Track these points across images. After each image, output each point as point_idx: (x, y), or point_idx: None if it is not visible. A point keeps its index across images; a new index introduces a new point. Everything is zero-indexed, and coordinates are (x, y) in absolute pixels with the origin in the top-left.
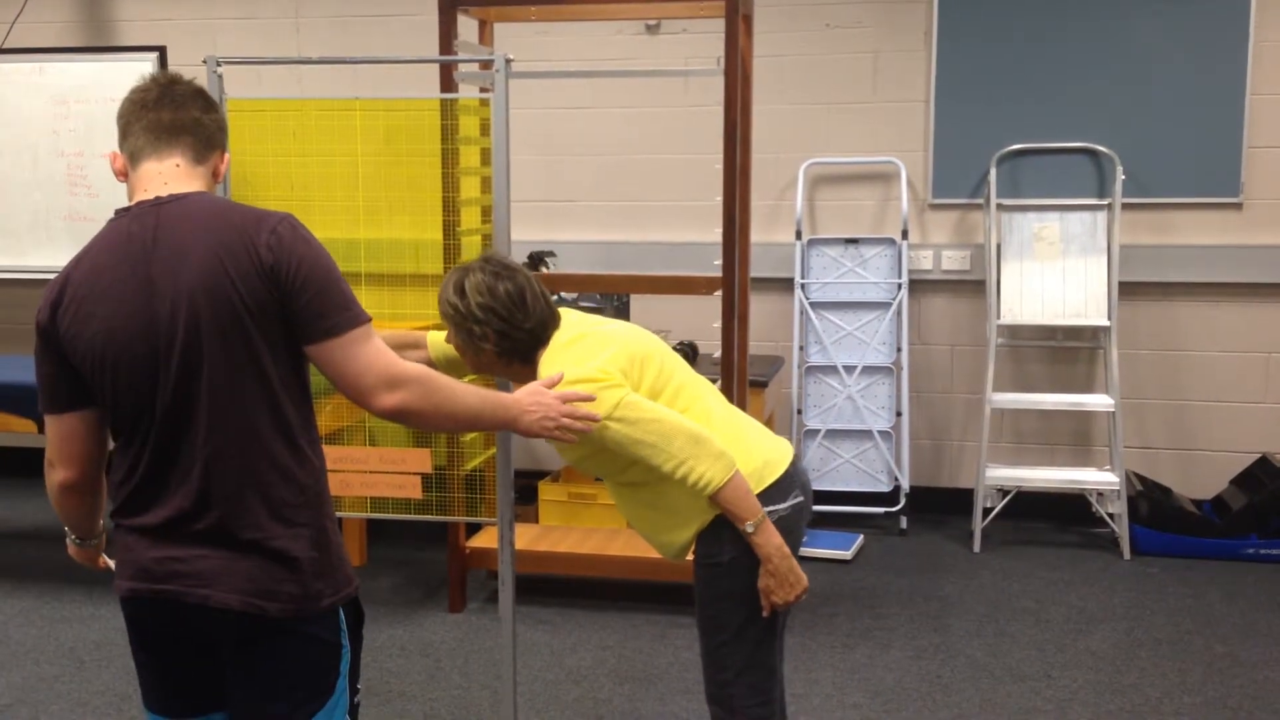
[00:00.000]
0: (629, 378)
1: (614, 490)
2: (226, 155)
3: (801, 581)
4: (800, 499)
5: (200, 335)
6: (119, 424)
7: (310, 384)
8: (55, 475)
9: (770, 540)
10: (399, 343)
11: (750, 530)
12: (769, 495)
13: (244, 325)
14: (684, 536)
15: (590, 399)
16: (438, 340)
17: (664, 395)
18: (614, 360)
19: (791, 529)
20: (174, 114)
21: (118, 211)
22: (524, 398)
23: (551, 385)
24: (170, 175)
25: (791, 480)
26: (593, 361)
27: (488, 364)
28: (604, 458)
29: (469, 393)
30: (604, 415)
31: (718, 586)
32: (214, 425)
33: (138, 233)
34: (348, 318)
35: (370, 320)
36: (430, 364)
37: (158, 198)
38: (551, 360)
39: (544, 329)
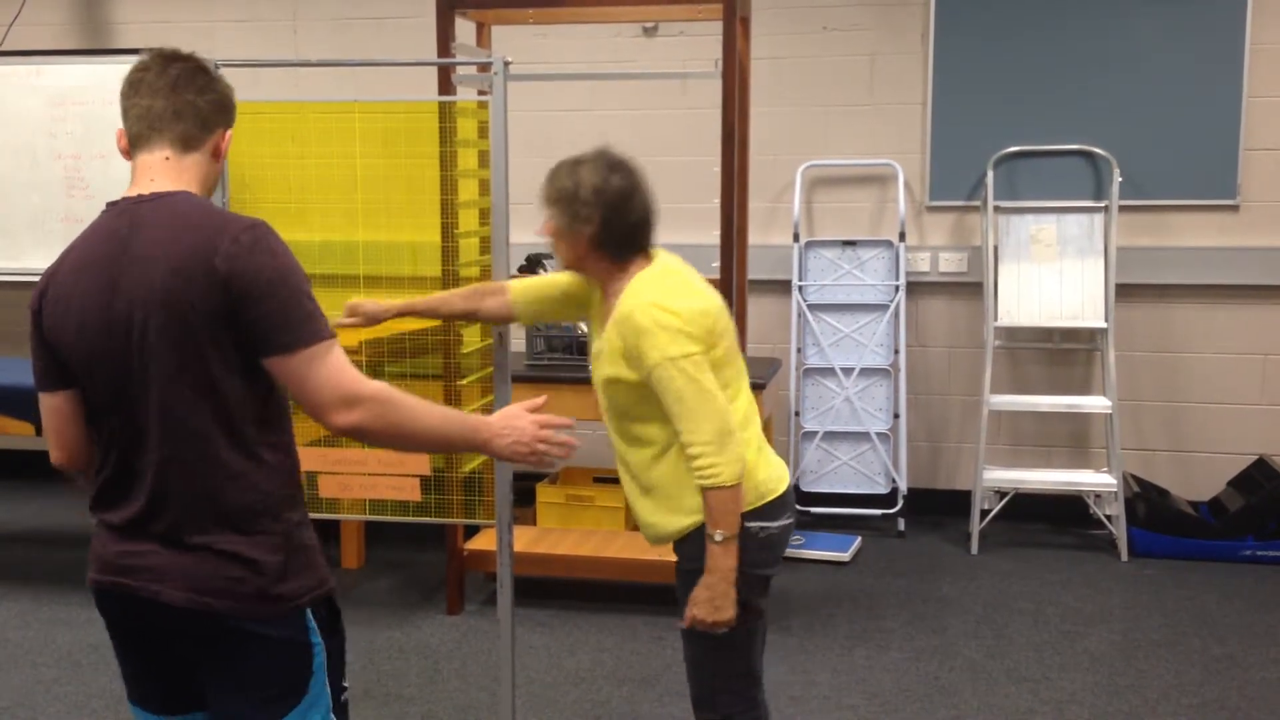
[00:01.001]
0: (703, 342)
1: (620, 449)
2: (228, 132)
3: (729, 612)
4: (790, 521)
5: (153, 341)
6: (93, 416)
7: (279, 389)
8: (51, 455)
9: (728, 560)
10: (481, 291)
11: (717, 540)
12: (767, 511)
13: (196, 334)
14: (673, 526)
15: (569, 424)
16: (519, 284)
17: (720, 377)
18: (702, 316)
19: (775, 548)
20: (166, 100)
21: (109, 205)
22: (497, 421)
23: (533, 409)
24: (158, 170)
25: (787, 501)
26: (682, 302)
27: (582, 255)
28: (635, 392)
29: (436, 413)
30: (671, 357)
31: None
32: (166, 432)
33: (116, 231)
34: (306, 333)
35: (333, 337)
36: (509, 313)
37: (140, 195)
38: (644, 283)
39: (645, 228)
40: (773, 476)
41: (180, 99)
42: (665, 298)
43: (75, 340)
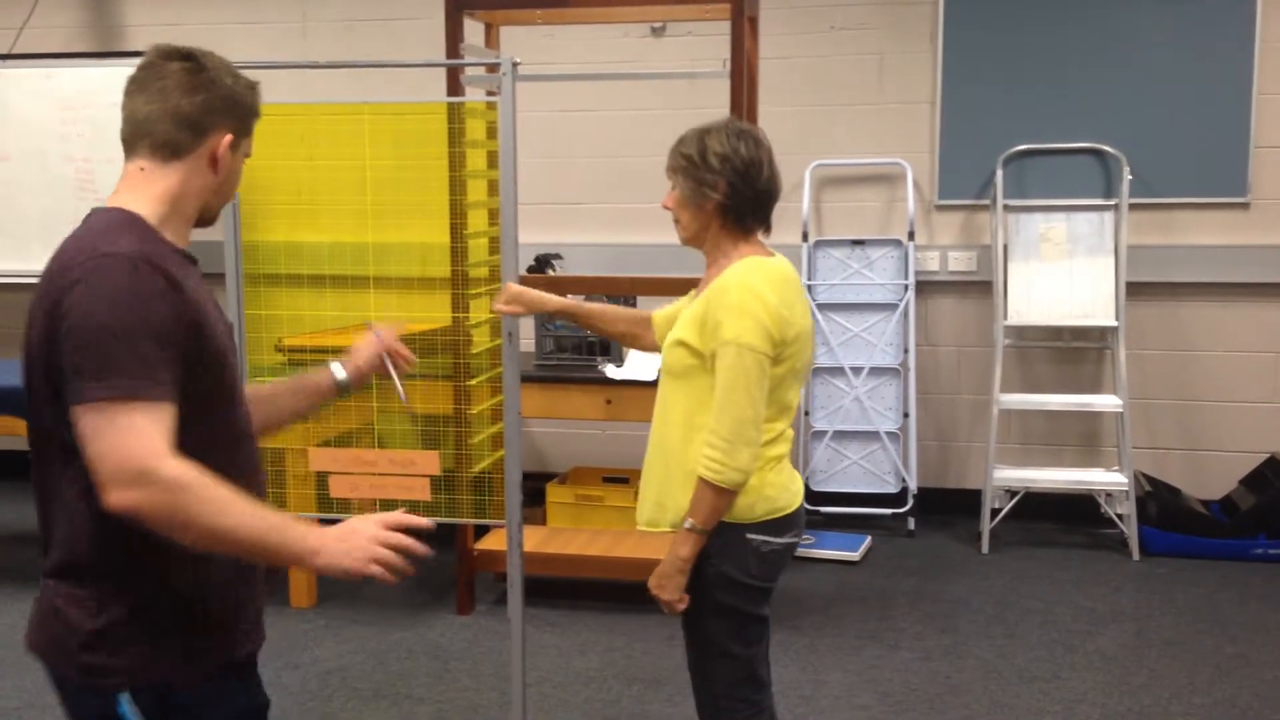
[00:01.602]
0: (776, 349)
1: (661, 420)
2: (227, 136)
3: (670, 595)
4: (794, 540)
5: (30, 365)
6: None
7: None
8: None
9: (686, 549)
10: (643, 320)
11: (686, 526)
12: (777, 525)
13: (37, 370)
14: (671, 510)
15: (430, 527)
16: (659, 315)
17: (770, 396)
18: (786, 325)
19: (776, 563)
20: (150, 104)
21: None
22: (334, 530)
23: (388, 526)
24: (128, 181)
25: (795, 520)
26: (775, 300)
27: (705, 225)
28: (695, 360)
29: (250, 517)
30: (743, 343)
31: (702, 599)
32: (35, 472)
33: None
34: (95, 387)
35: (141, 398)
36: (656, 345)
37: (94, 208)
38: (751, 267)
39: (770, 198)
40: (785, 494)
41: (167, 102)
42: (764, 289)
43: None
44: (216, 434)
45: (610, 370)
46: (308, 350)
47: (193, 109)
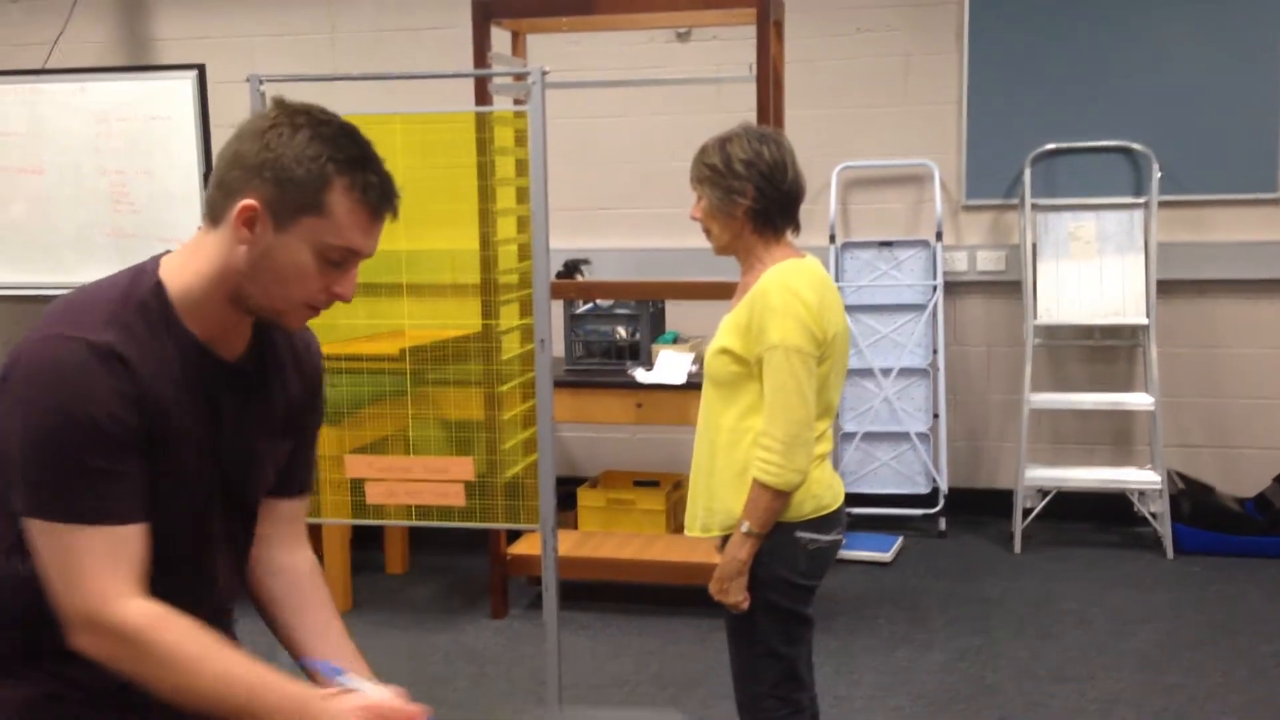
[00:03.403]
0: (820, 348)
1: (709, 427)
2: (246, 201)
3: (735, 597)
4: (839, 538)
5: None
6: None
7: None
8: None
9: (743, 551)
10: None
11: (743, 530)
12: (820, 524)
13: None
14: (721, 514)
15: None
16: None
17: (820, 374)
18: (825, 322)
19: (822, 560)
20: (215, 166)
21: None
22: (339, 701)
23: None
24: (187, 241)
25: (839, 517)
26: (813, 295)
27: (737, 233)
28: (740, 367)
29: (226, 674)
30: (789, 346)
31: (752, 599)
32: None
33: None
34: (38, 504)
35: (91, 522)
36: None
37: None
38: (789, 270)
39: (796, 199)
40: (830, 492)
41: (219, 160)
42: (804, 290)
43: None
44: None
45: (640, 374)
46: (341, 359)
47: (224, 162)
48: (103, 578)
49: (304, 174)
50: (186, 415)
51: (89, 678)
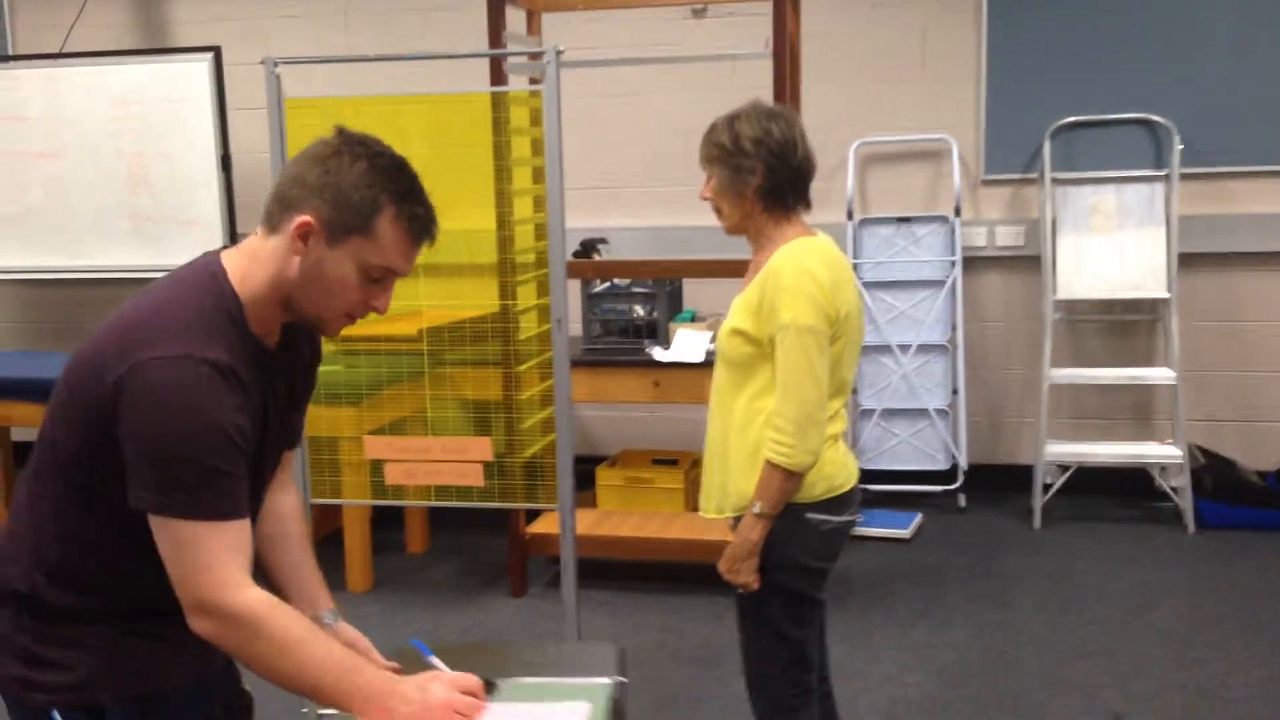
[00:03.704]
0: (833, 326)
1: (722, 407)
2: (304, 218)
3: (745, 577)
4: (852, 518)
5: (68, 388)
6: None
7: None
8: None
9: (755, 532)
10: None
11: (755, 511)
12: (833, 505)
13: (81, 409)
14: (734, 495)
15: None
16: None
17: (833, 353)
18: (838, 300)
19: (835, 542)
20: (278, 182)
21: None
22: (409, 693)
23: (461, 690)
24: (243, 243)
25: (853, 498)
26: (825, 273)
27: (748, 212)
28: (753, 348)
29: (318, 660)
30: (801, 325)
31: (763, 580)
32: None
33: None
34: (164, 500)
35: (212, 518)
36: None
37: (213, 249)
38: (801, 248)
39: (807, 175)
40: (844, 472)
41: (282, 177)
42: (816, 268)
43: None
44: None
45: (657, 353)
46: (360, 340)
47: (287, 180)
48: (226, 569)
49: (359, 199)
50: (260, 410)
51: (151, 625)
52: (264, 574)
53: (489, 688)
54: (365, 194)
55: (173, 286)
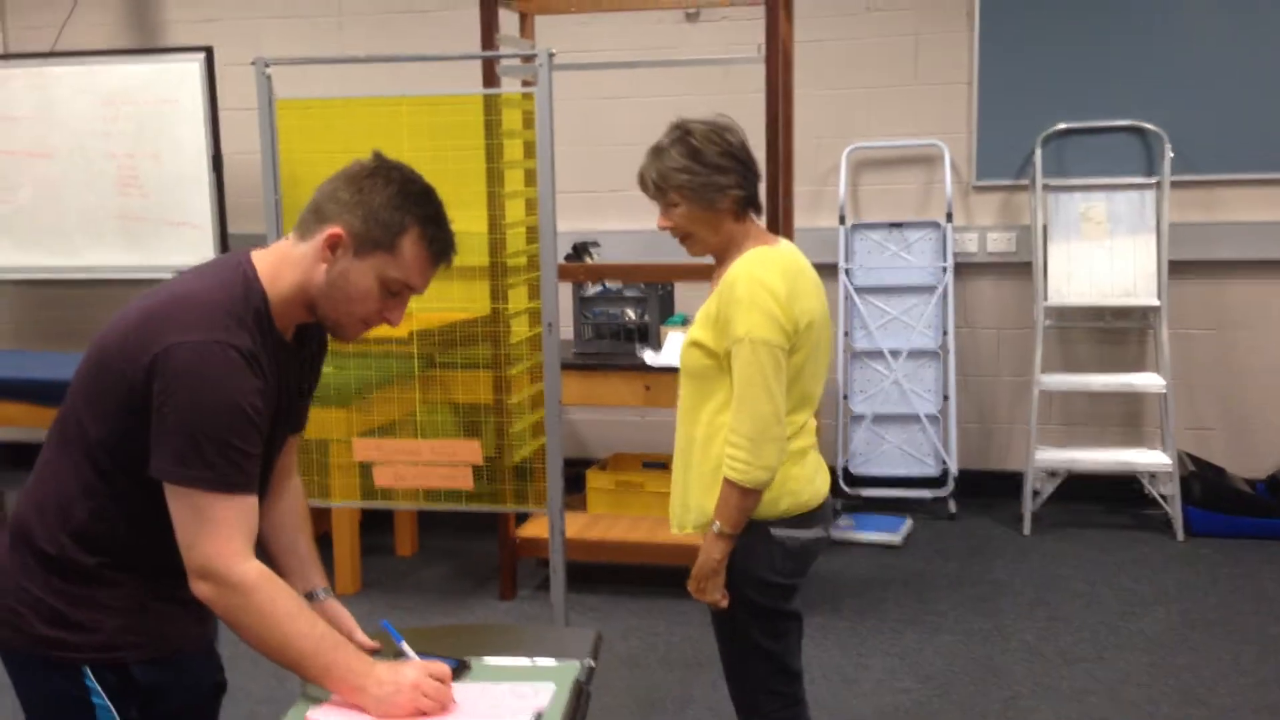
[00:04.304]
0: (790, 340)
1: (685, 421)
2: (334, 230)
3: (713, 596)
4: (821, 534)
5: (96, 370)
6: None
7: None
8: None
9: (716, 551)
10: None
11: (714, 530)
12: (800, 521)
13: (114, 389)
14: (694, 511)
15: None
16: None
17: (793, 365)
18: (799, 315)
19: (803, 557)
20: (316, 196)
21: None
22: (382, 676)
23: (436, 676)
24: (278, 243)
25: (822, 514)
26: (780, 284)
27: (720, 232)
28: (711, 360)
29: (303, 634)
30: (755, 339)
31: (732, 597)
32: (49, 450)
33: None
34: (186, 472)
35: (228, 491)
36: None
37: (246, 248)
38: (757, 259)
39: (759, 180)
40: (809, 488)
41: (320, 192)
42: (771, 279)
43: None
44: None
45: (648, 356)
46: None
47: (323, 195)
48: (232, 539)
49: (387, 218)
50: (274, 396)
51: (170, 589)
52: (263, 548)
53: (462, 668)
54: (394, 215)
55: (207, 277)
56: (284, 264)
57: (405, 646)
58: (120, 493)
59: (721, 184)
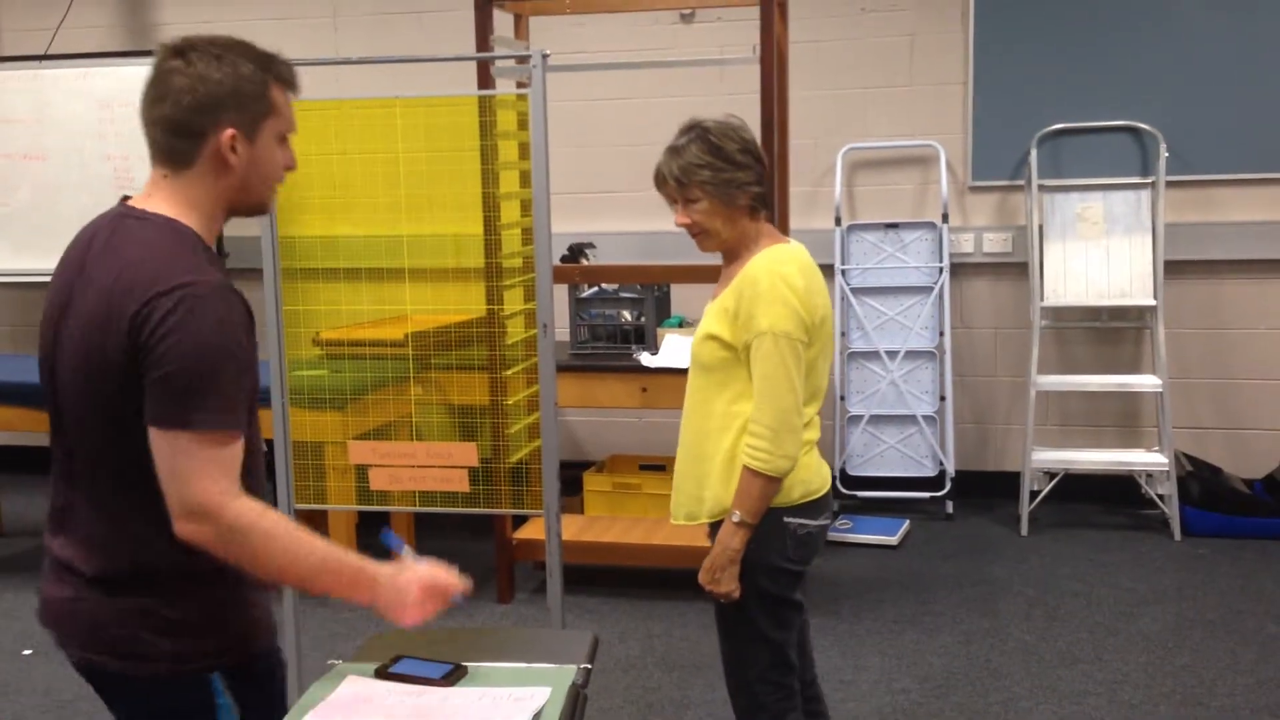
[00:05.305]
0: (808, 334)
1: (695, 412)
2: (228, 132)
3: (727, 586)
4: (827, 523)
5: (71, 375)
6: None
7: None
8: None
9: (735, 540)
10: None
11: (734, 520)
12: (809, 509)
13: (104, 384)
14: (710, 501)
15: (466, 591)
16: None
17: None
18: (813, 306)
19: (812, 545)
20: (150, 111)
21: (121, 199)
22: (390, 568)
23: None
24: (155, 187)
25: (827, 502)
26: (800, 280)
27: (737, 226)
28: (727, 353)
29: (307, 558)
30: (778, 332)
31: (742, 586)
32: (88, 482)
33: (95, 235)
34: (179, 412)
35: (220, 433)
36: None
37: (131, 208)
38: (777, 255)
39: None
40: (818, 477)
41: (162, 109)
42: (792, 276)
43: (41, 344)
44: (247, 446)
45: (645, 358)
46: (345, 344)
47: (180, 113)
48: (223, 480)
49: (253, 89)
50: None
51: (255, 585)
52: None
53: (458, 673)
54: (254, 79)
55: (143, 233)
56: (184, 197)
57: (408, 551)
58: None
59: (741, 180)
